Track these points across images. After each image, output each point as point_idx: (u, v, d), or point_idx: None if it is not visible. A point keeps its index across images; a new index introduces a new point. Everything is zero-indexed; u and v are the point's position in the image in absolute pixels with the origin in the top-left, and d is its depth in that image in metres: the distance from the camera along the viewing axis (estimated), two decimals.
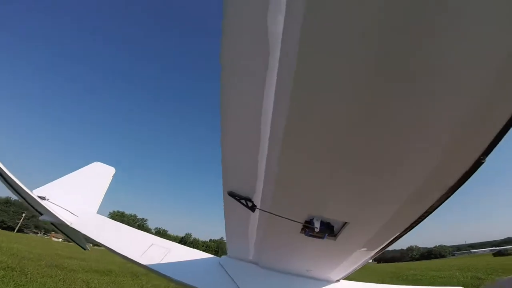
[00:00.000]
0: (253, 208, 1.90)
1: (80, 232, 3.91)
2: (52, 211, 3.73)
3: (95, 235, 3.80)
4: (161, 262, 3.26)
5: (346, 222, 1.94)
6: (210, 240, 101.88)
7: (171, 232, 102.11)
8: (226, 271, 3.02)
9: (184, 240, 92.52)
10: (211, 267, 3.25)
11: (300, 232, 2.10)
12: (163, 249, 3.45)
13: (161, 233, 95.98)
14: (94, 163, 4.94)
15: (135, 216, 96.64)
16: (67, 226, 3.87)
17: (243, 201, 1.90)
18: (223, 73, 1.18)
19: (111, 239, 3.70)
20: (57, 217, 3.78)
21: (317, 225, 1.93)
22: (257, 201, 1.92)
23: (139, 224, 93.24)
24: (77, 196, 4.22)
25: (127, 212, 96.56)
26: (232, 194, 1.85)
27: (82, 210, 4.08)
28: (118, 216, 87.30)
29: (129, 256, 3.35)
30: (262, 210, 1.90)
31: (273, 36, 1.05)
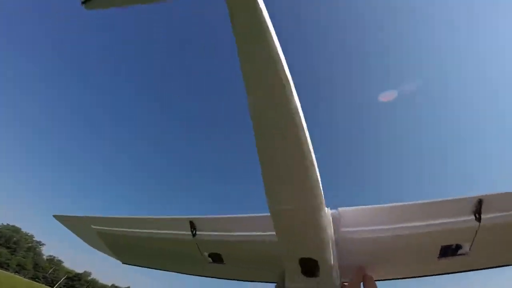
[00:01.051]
0: None
1: None
2: None
3: None
4: None
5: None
6: (113, 285, 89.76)
7: (66, 264, 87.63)
8: None
9: (79, 278, 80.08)
10: None
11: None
12: None
13: (55, 263, 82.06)
14: None
15: (31, 236, 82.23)
16: None
17: None
18: None
19: None
20: None
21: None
22: None
23: (31, 247, 79.27)
24: None
25: (24, 229, 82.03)
26: None
27: None
28: (10, 231, 74.15)
29: None
30: None
31: None
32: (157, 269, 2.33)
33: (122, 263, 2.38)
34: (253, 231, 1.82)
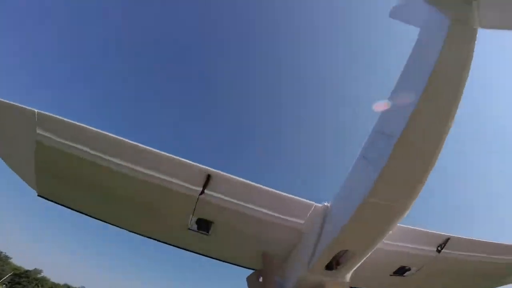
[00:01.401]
0: None
1: None
2: None
3: None
4: None
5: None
6: (65, 284, 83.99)
7: (15, 260, 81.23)
8: None
9: (27, 276, 74.24)
10: None
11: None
12: None
13: (2, 260, 75.74)
14: None
15: None
16: None
17: None
18: None
19: None
20: None
21: None
22: None
23: None
24: None
25: None
26: None
27: None
28: None
29: None
30: None
31: None
32: (104, 222, 1.27)
33: (39, 194, 1.40)
34: (269, 209, 1.47)
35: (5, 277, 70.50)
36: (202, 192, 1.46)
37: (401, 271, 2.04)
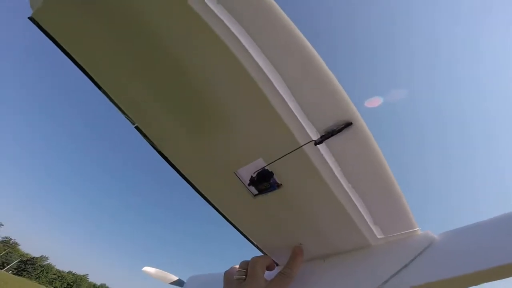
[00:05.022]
0: None
1: None
2: None
3: None
4: None
5: None
6: (70, 272, 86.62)
7: (24, 247, 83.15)
8: None
9: (33, 262, 76.71)
10: None
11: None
12: None
13: (10, 246, 77.65)
14: None
15: None
16: None
17: None
18: None
19: None
20: None
21: None
22: None
23: None
24: None
25: None
26: None
27: None
28: None
29: None
30: None
31: None
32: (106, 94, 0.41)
33: (31, 17, 0.37)
34: (365, 201, 0.63)
35: (12, 264, 72.55)
36: (320, 142, 0.44)
37: None
